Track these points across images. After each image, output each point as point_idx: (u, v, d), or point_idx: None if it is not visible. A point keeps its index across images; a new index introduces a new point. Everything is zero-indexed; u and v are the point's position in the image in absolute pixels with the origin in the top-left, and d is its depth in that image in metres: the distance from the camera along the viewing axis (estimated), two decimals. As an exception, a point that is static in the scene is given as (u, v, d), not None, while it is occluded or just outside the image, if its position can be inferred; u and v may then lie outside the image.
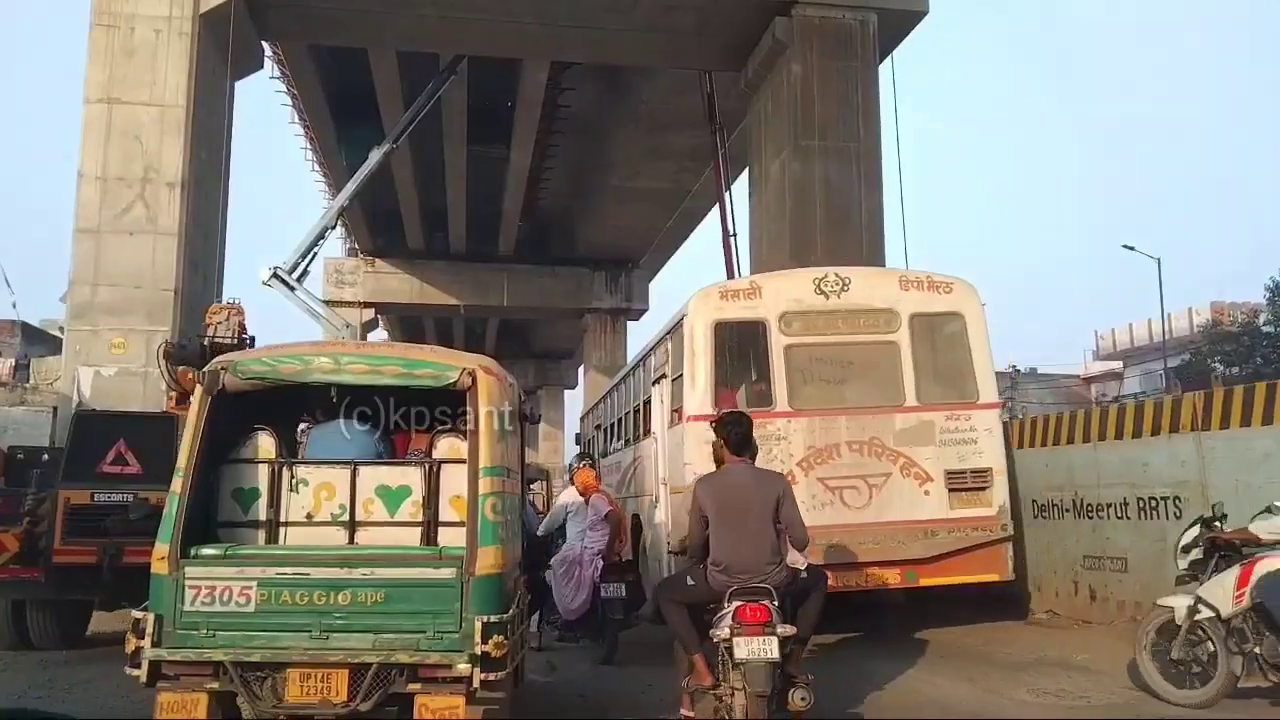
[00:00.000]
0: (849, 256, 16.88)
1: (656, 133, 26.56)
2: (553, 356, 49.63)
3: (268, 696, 4.47)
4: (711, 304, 9.03)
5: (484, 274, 35.40)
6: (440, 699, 4.43)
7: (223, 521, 5.01)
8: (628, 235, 34.34)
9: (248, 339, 11.18)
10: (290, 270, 20.21)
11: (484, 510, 4.71)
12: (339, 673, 4.47)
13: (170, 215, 15.63)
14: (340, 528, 5.00)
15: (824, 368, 8.97)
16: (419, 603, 4.58)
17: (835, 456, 8.56)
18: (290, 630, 4.53)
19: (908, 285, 9.16)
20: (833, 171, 17.05)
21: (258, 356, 5.20)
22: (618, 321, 36.92)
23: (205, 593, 4.55)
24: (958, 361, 8.97)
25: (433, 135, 26.82)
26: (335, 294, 34.94)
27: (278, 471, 5.03)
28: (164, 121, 15.74)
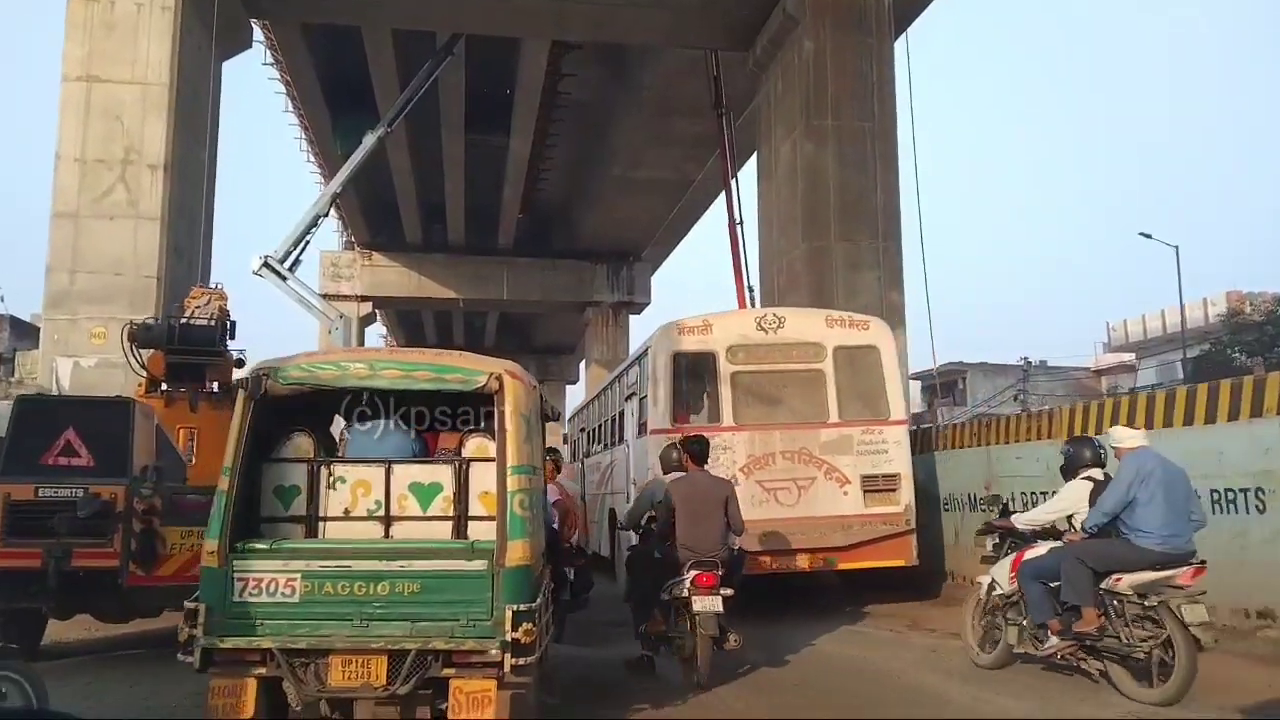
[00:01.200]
0: (864, 241, 16.09)
1: (659, 119, 25.69)
2: (553, 351, 48.81)
3: (312, 681, 4.71)
4: (671, 338, 10.78)
5: (483, 267, 34.55)
6: (474, 682, 4.69)
7: (265, 517, 5.20)
8: (630, 227, 33.49)
9: (229, 324, 10.32)
10: (282, 259, 19.38)
11: (512, 506, 4.96)
12: (378, 658, 4.71)
13: (153, 199, 14.81)
14: (376, 522, 5.22)
15: (763, 390, 10.59)
16: (453, 593, 4.83)
17: (771, 463, 10.18)
18: (333, 619, 4.76)
19: (832, 323, 10.91)
20: (847, 152, 16.22)
21: (298, 363, 5.39)
22: (620, 315, 36.08)
23: (253, 584, 4.80)
24: (873, 386, 10.58)
25: (430, 123, 26.01)
26: (332, 288, 34.08)
27: (316, 470, 5.26)
28: (146, 100, 14.91)
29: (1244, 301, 33.00)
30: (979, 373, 39.91)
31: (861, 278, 16.01)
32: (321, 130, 26.93)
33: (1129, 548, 6.23)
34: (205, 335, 9.73)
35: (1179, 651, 5.90)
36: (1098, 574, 6.33)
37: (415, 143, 27.20)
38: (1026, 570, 6.74)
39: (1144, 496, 6.21)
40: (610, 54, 24.45)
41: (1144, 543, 6.16)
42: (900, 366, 10.66)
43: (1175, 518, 6.18)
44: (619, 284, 35.64)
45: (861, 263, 16.05)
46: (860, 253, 16.07)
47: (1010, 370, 39.72)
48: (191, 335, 9.71)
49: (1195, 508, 6.33)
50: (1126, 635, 6.18)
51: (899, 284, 16.22)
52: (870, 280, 16.03)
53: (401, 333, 48.79)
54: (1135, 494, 6.23)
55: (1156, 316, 39.85)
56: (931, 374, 23.31)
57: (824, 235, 15.99)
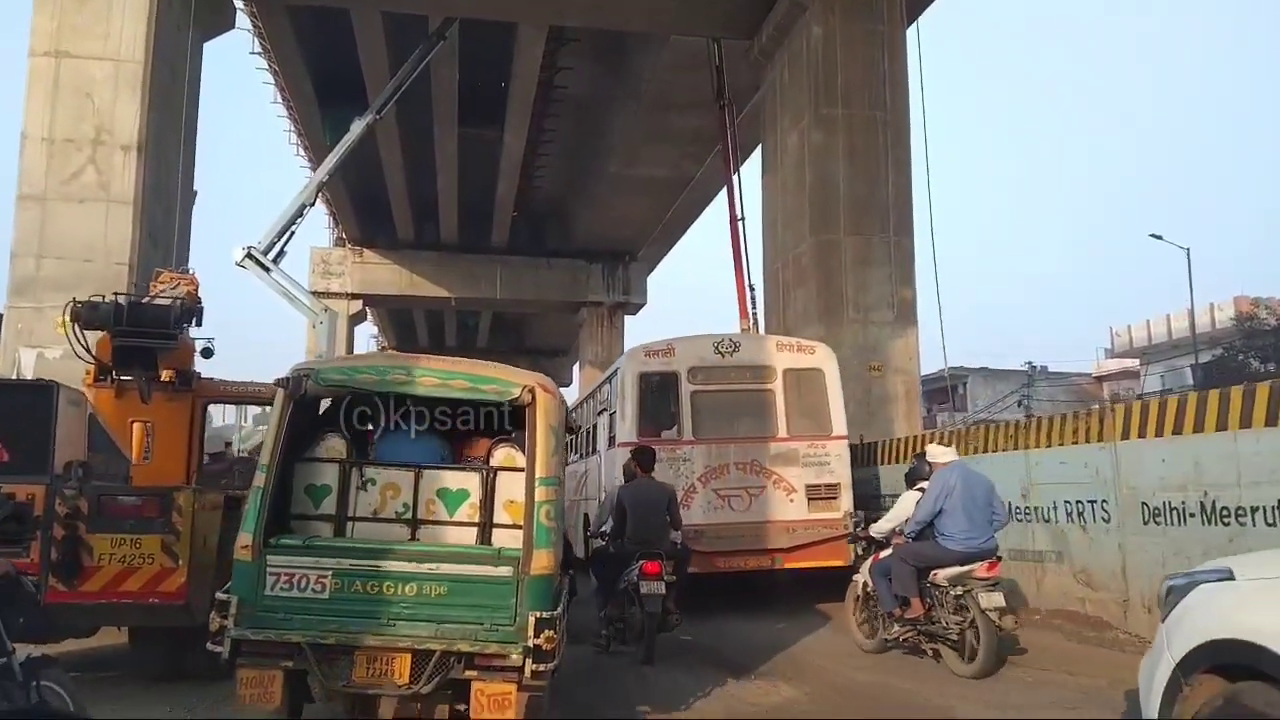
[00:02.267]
0: (875, 235, 15.25)
1: (658, 114, 24.77)
2: (547, 353, 47.77)
3: (337, 676, 4.79)
4: (638, 359, 11.78)
5: (476, 265, 33.61)
6: (495, 685, 4.76)
7: (296, 514, 5.28)
8: (626, 226, 32.57)
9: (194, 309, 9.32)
10: (265, 250, 18.41)
11: (539, 516, 5.04)
12: (402, 657, 4.79)
13: (125, 181, 13.87)
14: (404, 525, 5.31)
15: (719, 408, 11.40)
16: (478, 597, 4.91)
17: (726, 473, 11.01)
18: (361, 617, 4.84)
19: (782, 348, 11.82)
20: (858, 143, 15.37)
21: (338, 366, 5.66)
22: (615, 316, 35.15)
23: (285, 579, 4.87)
24: (817, 404, 11.39)
25: (422, 117, 25.11)
26: (322, 285, 33.14)
27: (348, 470, 5.35)
28: (119, 78, 13.97)
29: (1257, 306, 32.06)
30: (979, 378, 39.11)
31: (872, 273, 15.16)
32: (310, 121, 26.01)
33: (938, 548, 7.47)
34: (158, 316, 8.52)
35: (981, 632, 7.08)
36: (921, 570, 7.54)
37: (407, 137, 26.30)
38: (875, 570, 8.02)
39: (948, 506, 7.41)
40: (607, 46, 23.58)
41: (948, 544, 7.40)
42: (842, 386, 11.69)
43: (975, 522, 7.38)
44: (614, 284, 34.73)
45: (872, 258, 15.19)
46: (871, 248, 15.21)
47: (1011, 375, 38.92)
48: (142, 316, 8.46)
49: (998, 511, 7.55)
50: (946, 620, 7.40)
51: (911, 280, 15.38)
52: (881, 276, 15.17)
53: (393, 332, 47.81)
54: (941, 504, 7.44)
55: (1161, 321, 38.85)
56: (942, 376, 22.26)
57: (833, 229, 15.13)
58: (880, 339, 15.06)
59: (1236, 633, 3.23)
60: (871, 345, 15.02)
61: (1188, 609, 3.56)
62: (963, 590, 7.27)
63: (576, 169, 29.85)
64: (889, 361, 15.02)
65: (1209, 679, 3.33)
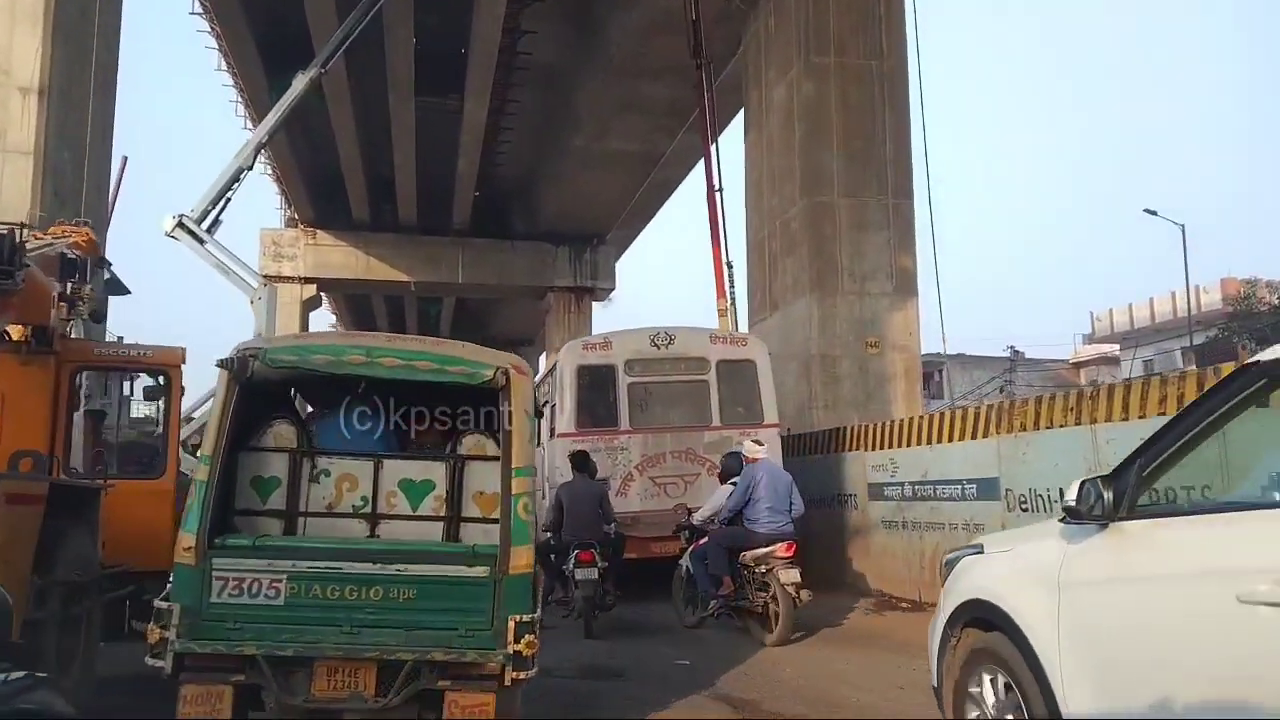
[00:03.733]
0: (872, 197, 13.74)
1: (629, 82, 23.13)
2: (512, 343, 45.72)
3: (295, 690, 4.33)
4: (576, 353, 12.03)
5: (436, 248, 31.72)
6: (471, 696, 4.38)
7: (240, 510, 4.87)
8: (594, 206, 30.84)
9: (83, 262, 7.58)
10: (199, 220, 16.55)
11: (517, 510, 4.63)
12: (368, 668, 4.36)
13: (24, 129, 11.96)
14: (361, 520, 4.96)
15: (655, 399, 11.71)
16: (451, 600, 4.51)
17: (662, 462, 11.39)
18: (321, 625, 4.39)
19: (716, 340, 12.14)
20: (852, 94, 13.88)
21: (289, 345, 5.13)
22: (582, 301, 33.41)
23: (234, 585, 4.40)
24: (749, 394, 11.69)
25: (376, 85, 23.30)
26: (273, 268, 31.08)
27: (299, 461, 4.96)
28: (15, 10, 12.06)
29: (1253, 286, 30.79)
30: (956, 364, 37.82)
31: (869, 239, 13.67)
32: (256, 88, 24.05)
33: (746, 533, 8.63)
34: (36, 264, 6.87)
35: (781, 604, 8.18)
36: (732, 552, 8.69)
37: (361, 107, 24.45)
38: (694, 555, 9.06)
39: (755, 496, 8.59)
40: (575, 8, 21.94)
41: (755, 529, 8.56)
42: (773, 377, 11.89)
43: (777, 510, 8.56)
44: (582, 268, 33.01)
45: (868, 222, 13.70)
46: (867, 210, 13.72)
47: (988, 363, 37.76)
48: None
49: (796, 502, 8.79)
50: (753, 595, 8.56)
51: (911, 248, 13.93)
52: (878, 242, 13.70)
53: (351, 320, 45.73)
54: (750, 495, 8.61)
55: (1144, 305, 37.71)
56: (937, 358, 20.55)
57: (826, 189, 13.62)
58: (878, 312, 13.59)
59: (979, 594, 3.90)
60: (868, 319, 13.54)
61: (954, 577, 4.19)
62: (766, 569, 8.43)
63: (542, 144, 28.12)
64: (887, 337, 13.56)
65: (970, 632, 3.94)
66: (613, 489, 10.86)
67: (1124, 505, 3.27)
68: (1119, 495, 3.29)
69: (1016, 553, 3.97)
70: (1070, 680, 3.33)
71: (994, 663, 3.76)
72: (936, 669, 4.16)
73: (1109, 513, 3.30)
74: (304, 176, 29.40)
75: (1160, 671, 3.05)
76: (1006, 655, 3.64)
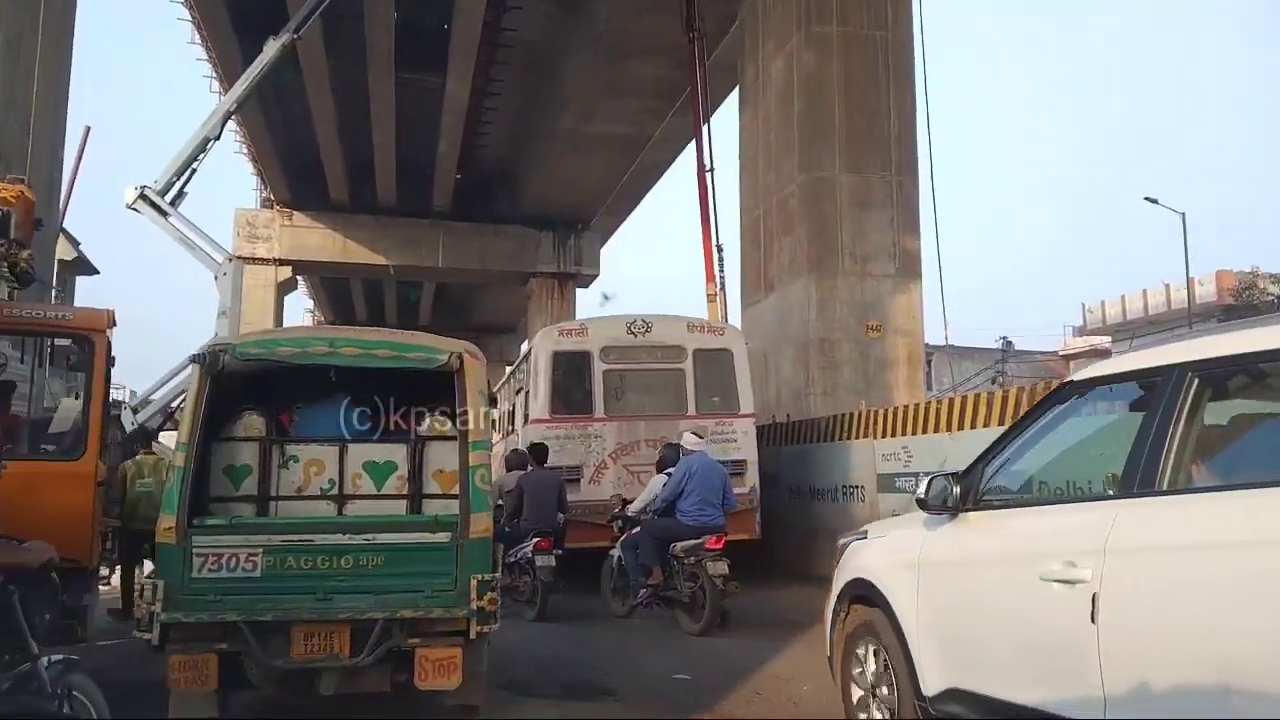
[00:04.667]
0: (875, 173, 12.96)
1: (617, 62, 22.23)
2: (493, 330, 44.86)
3: (275, 654, 4.59)
4: (552, 339, 11.92)
5: (416, 231, 30.69)
6: (439, 650, 4.68)
7: (215, 497, 5.11)
8: (579, 190, 29.91)
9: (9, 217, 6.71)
10: (162, 191, 15.56)
11: (474, 480, 4.92)
12: (342, 630, 4.63)
13: (-37, 85, 11.03)
14: (329, 501, 5.25)
15: (631, 386, 11.64)
16: (417, 565, 4.82)
17: (637, 450, 11.19)
18: (296, 593, 4.66)
19: (693, 328, 11.91)
20: (855, 66, 13.08)
21: (256, 340, 5.46)
22: (566, 288, 32.50)
23: (213, 560, 4.64)
24: (725, 383, 11.55)
25: (355, 61, 22.32)
26: (248, 249, 30.00)
27: (269, 449, 5.24)
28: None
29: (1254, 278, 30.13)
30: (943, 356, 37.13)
31: (871, 218, 12.90)
32: (231, 62, 22.90)
33: (677, 524, 8.65)
34: None
35: (708, 594, 8.28)
36: (663, 543, 8.70)
37: (339, 83, 23.45)
38: (625, 545, 9.11)
39: (688, 488, 8.61)
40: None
41: (685, 520, 8.60)
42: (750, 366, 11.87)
43: (709, 503, 8.61)
44: (566, 254, 32.08)
45: (871, 200, 12.92)
46: (870, 188, 12.94)
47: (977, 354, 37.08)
48: None
49: (729, 496, 8.92)
50: (681, 585, 8.61)
51: (915, 227, 13.16)
52: (881, 221, 12.92)
53: (329, 306, 44.64)
54: (683, 486, 8.63)
55: (1137, 297, 37.09)
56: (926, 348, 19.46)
57: (827, 165, 12.83)
58: (880, 295, 12.82)
59: (861, 573, 4.31)
60: (870, 302, 12.77)
61: (844, 559, 4.64)
62: (695, 560, 8.48)
63: (526, 125, 27.18)
64: (889, 321, 12.80)
65: (856, 608, 4.34)
66: (585, 476, 11.05)
67: (969, 499, 3.67)
68: (965, 490, 3.69)
69: (891, 537, 4.40)
70: (923, 653, 3.71)
71: (872, 636, 4.13)
72: (829, 642, 4.59)
73: (956, 505, 3.68)
74: (280, 155, 28.35)
75: (985, 644, 3.42)
76: (880, 630, 4.03)
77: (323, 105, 24.21)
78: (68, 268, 35.12)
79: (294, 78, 23.16)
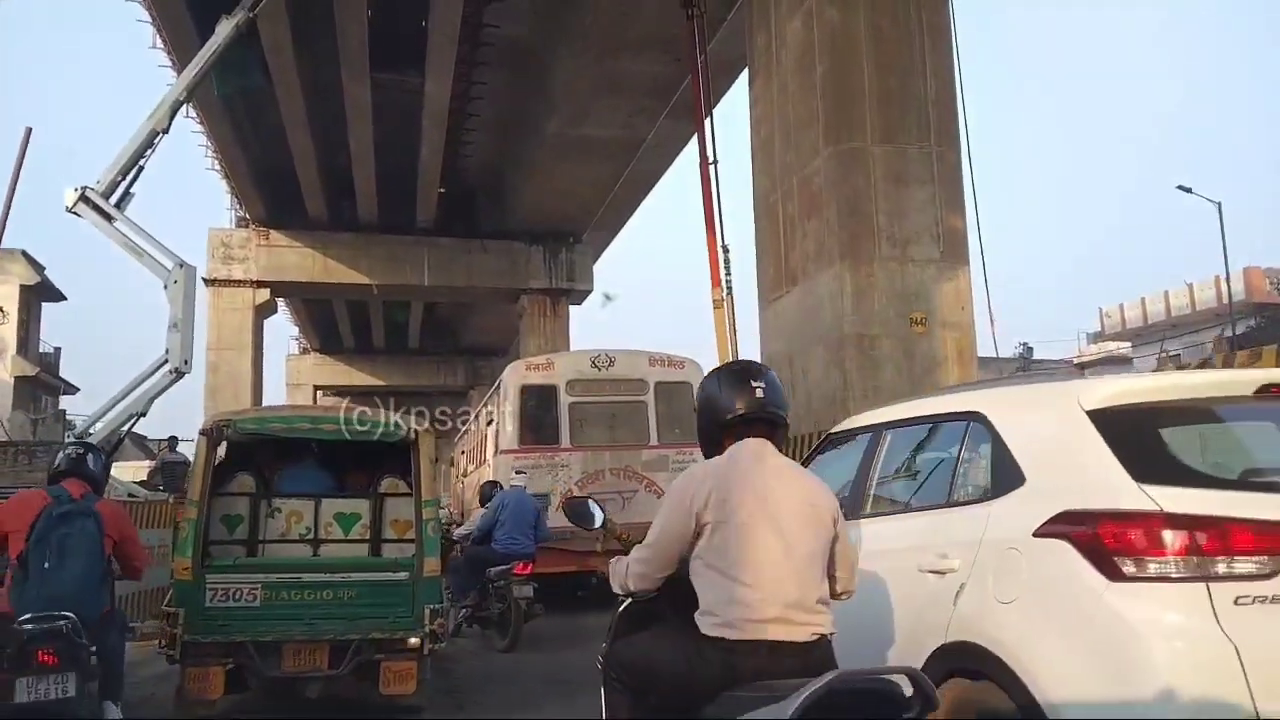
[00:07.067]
0: (912, 145, 11.10)
1: (608, 58, 20.43)
2: (484, 353, 42.84)
3: (270, 667, 5.71)
4: (520, 373, 12.73)
5: (400, 248, 28.71)
6: (400, 663, 5.81)
7: (214, 540, 6.14)
8: (570, 201, 27.98)
9: None
10: (106, 193, 13.63)
11: (427, 530, 6.13)
12: (322, 648, 5.76)
13: None
14: (307, 545, 6.43)
15: (596, 418, 12.36)
16: (382, 597, 5.95)
17: (602, 478, 11.90)
18: (288, 619, 5.75)
19: (654, 363, 12.63)
20: (884, 22, 11.20)
21: (253, 417, 6.75)
22: (558, 304, 30.52)
23: (222, 593, 5.72)
24: (686, 415, 11.61)
25: (328, 65, 20.53)
26: (223, 271, 28.14)
27: (257, 502, 6.45)
28: None
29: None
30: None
31: (910, 195, 10.99)
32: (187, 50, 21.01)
33: (491, 552, 9.64)
34: None
35: (514, 616, 9.13)
36: (478, 568, 9.65)
37: (311, 88, 21.65)
38: (450, 567, 9.19)
39: (501, 519, 9.74)
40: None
41: (497, 548, 9.60)
42: None
43: (519, 532, 9.62)
44: (557, 269, 30.15)
45: (909, 175, 11.02)
46: (907, 161, 11.03)
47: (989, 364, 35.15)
48: None
49: (540, 528, 9.90)
50: (493, 607, 9.47)
51: (960, 205, 11.22)
52: (922, 199, 11.01)
53: (313, 332, 42.55)
54: (497, 517, 9.79)
55: (1158, 299, 34.97)
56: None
57: (857, 134, 10.94)
58: (923, 282, 10.89)
59: None
60: (912, 291, 10.84)
61: None
62: (503, 584, 9.25)
63: (513, 131, 25.36)
64: (934, 312, 10.86)
65: None
66: (553, 504, 10.99)
67: (863, 507, 4.23)
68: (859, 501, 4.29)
69: None
70: None
71: None
72: None
73: (855, 512, 4.14)
74: (253, 170, 26.44)
75: (880, 626, 3.81)
76: None
77: (295, 112, 22.37)
78: (31, 293, 33.23)
79: (263, 85, 21.33)
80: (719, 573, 2.69)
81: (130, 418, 13.12)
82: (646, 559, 2.91)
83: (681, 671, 2.67)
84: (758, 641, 2.59)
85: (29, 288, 32.70)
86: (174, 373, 12.77)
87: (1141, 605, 2.81)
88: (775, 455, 2.95)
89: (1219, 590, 2.74)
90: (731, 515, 2.71)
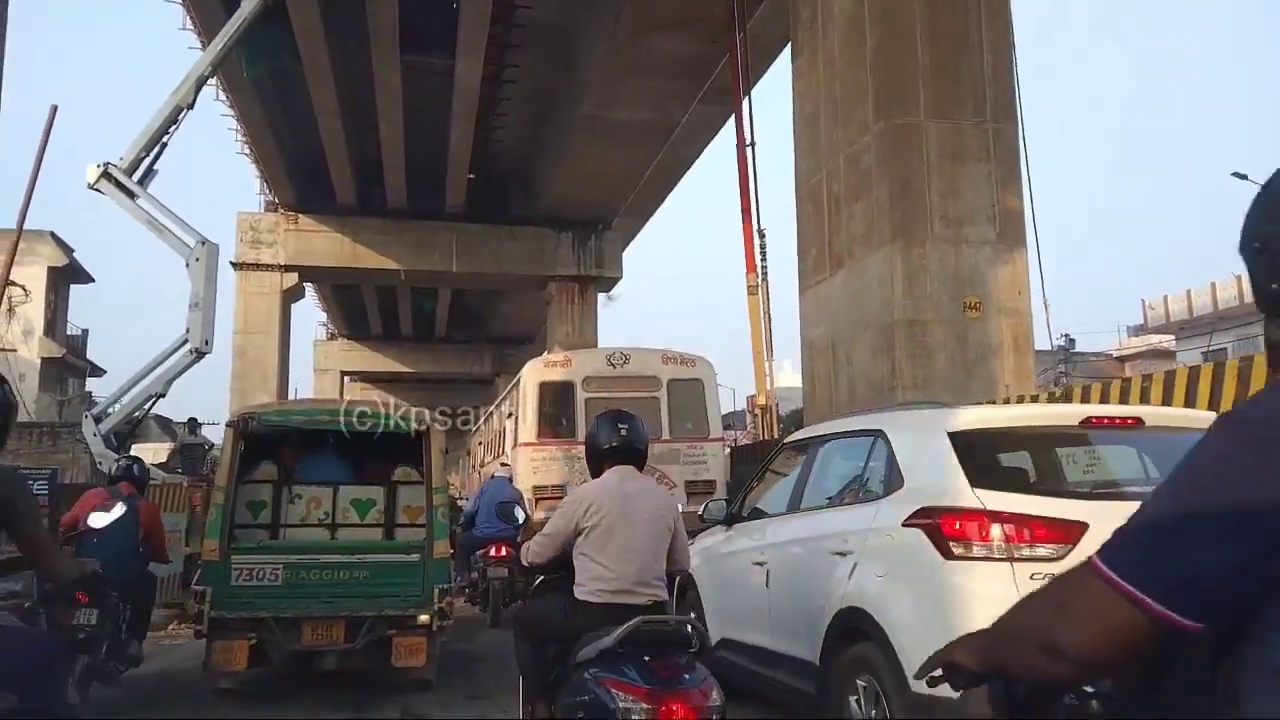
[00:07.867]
0: (967, 120, 10.44)
1: (640, 38, 19.78)
2: (512, 341, 42.45)
3: (291, 640, 6.22)
4: (539, 370, 13.17)
5: (429, 233, 28.31)
6: (410, 638, 6.27)
7: (239, 524, 6.57)
8: (599, 187, 27.39)
9: None
10: (129, 169, 13.24)
11: (437, 516, 6.60)
12: (339, 623, 6.24)
13: None
14: (325, 529, 6.89)
15: None
16: (395, 577, 6.42)
17: None
18: (307, 597, 6.25)
19: (667, 360, 13.16)
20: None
21: (277, 410, 7.66)
22: (587, 291, 29.98)
23: (246, 573, 6.20)
24: (696, 410, 12.88)
25: (358, 48, 20.05)
26: (251, 255, 27.86)
27: (280, 489, 6.93)
28: None
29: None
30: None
31: (965, 173, 10.34)
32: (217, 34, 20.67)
33: (472, 537, 10.65)
34: None
35: (491, 594, 10.02)
36: (469, 551, 10.72)
37: (341, 72, 21.20)
38: None
39: (482, 504, 10.57)
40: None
41: (477, 533, 10.54)
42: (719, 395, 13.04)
43: (496, 518, 8.48)
44: (586, 256, 29.60)
45: (965, 152, 10.37)
46: (963, 137, 10.39)
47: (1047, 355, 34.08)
48: None
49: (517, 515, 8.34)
50: (479, 586, 10.52)
51: (1017, 184, 10.56)
52: (977, 177, 10.37)
53: (341, 317, 42.32)
54: (478, 504, 10.80)
55: (1204, 291, 33.80)
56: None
57: (911, 109, 10.31)
58: (978, 265, 10.25)
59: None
60: (966, 274, 10.20)
61: None
62: (484, 564, 10.28)
63: (543, 114, 24.82)
64: (990, 297, 10.23)
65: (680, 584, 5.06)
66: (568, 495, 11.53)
67: (733, 515, 5.80)
68: (732, 511, 5.88)
69: (703, 541, 6.08)
70: (710, 616, 5.61)
71: (691, 607, 5.69)
72: None
73: (726, 520, 5.83)
74: (283, 155, 26.12)
75: (732, 610, 5.40)
76: (691, 603, 5.77)
77: (325, 98, 21.96)
78: (59, 275, 33.12)
79: (294, 69, 20.96)
80: (589, 559, 3.89)
81: (149, 398, 12.76)
82: (541, 545, 4.08)
83: (561, 623, 3.89)
84: (611, 605, 3.77)
85: (57, 269, 32.56)
86: (194, 353, 12.38)
87: (965, 578, 3.69)
88: (636, 477, 4.12)
89: (1020, 568, 3.55)
90: (600, 520, 3.89)
